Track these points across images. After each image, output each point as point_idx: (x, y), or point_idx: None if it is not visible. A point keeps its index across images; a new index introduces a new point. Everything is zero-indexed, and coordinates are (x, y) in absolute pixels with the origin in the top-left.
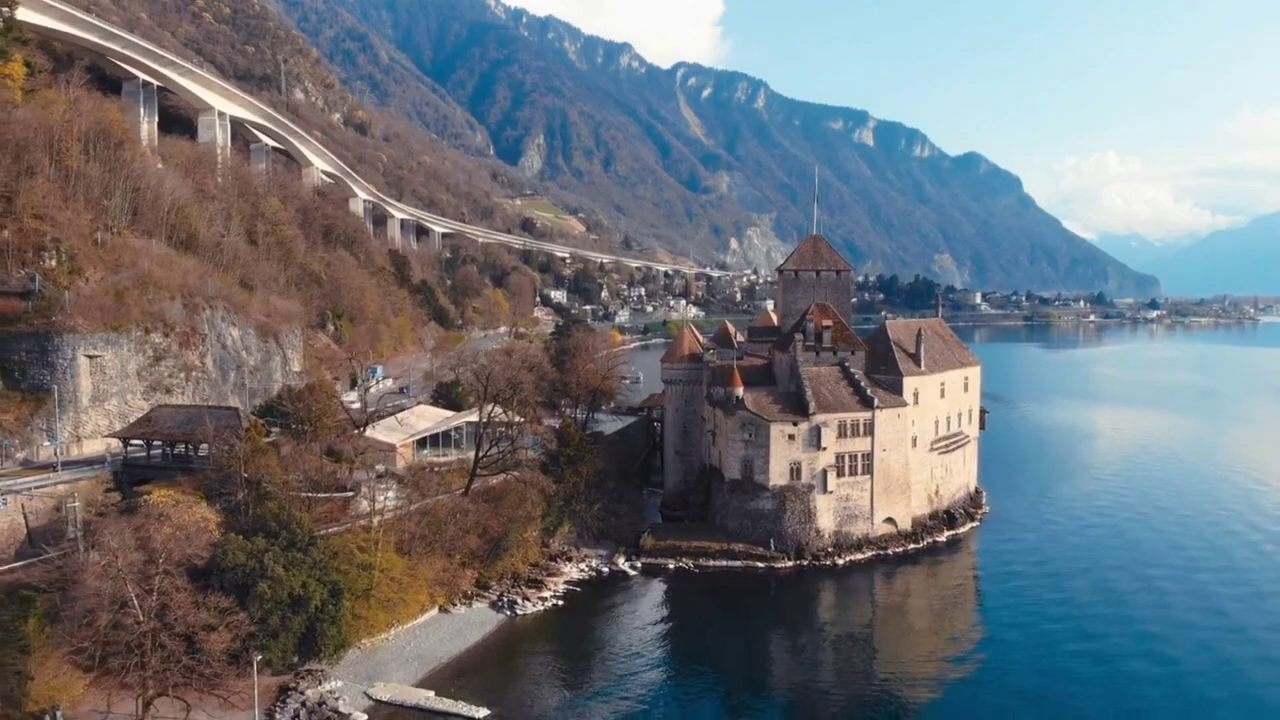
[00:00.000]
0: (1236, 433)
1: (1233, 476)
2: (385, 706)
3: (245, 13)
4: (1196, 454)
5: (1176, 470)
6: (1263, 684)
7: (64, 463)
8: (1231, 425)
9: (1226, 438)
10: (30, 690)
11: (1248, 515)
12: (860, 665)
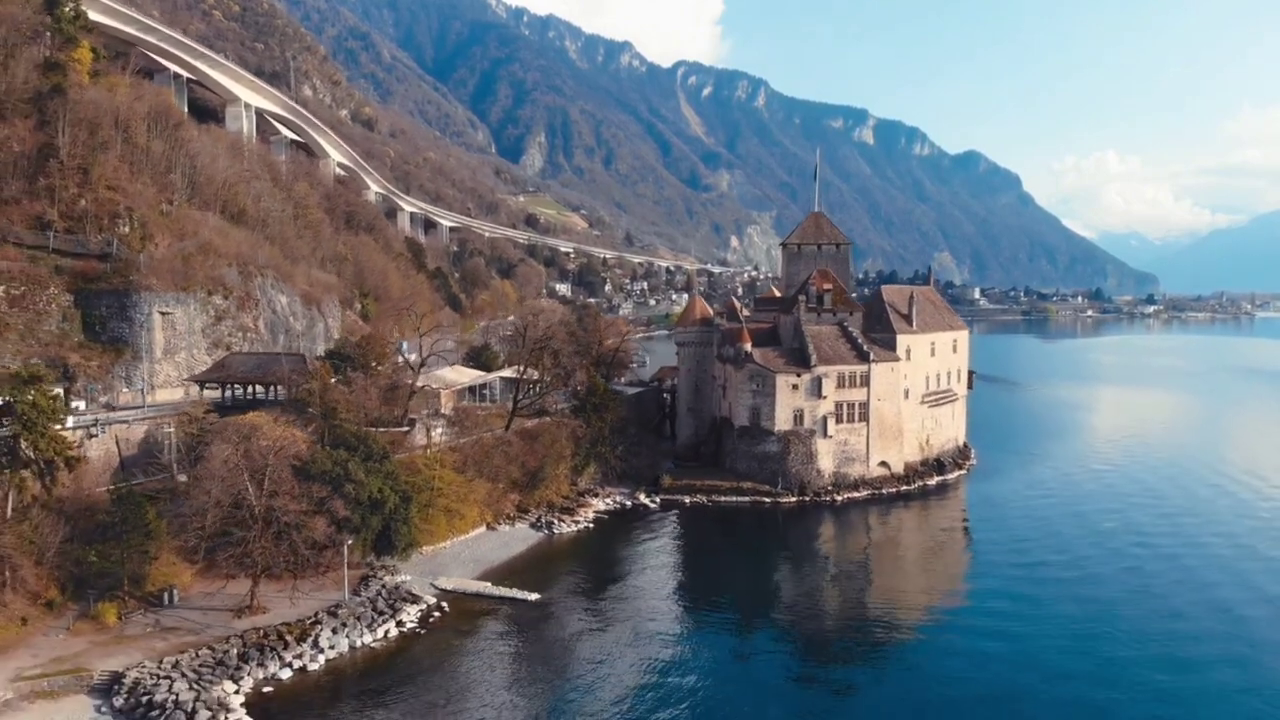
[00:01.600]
0: (1208, 404)
1: (1202, 437)
2: (450, 594)
3: (254, 10)
4: (1172, 421)
5: (1155, 434)
6: (1229, 598)
7: (146, 406)
8: (1204, 398)
9: (1199, 408)
10: (151, 573)
11: (1213, 465)
12: (856, 591)
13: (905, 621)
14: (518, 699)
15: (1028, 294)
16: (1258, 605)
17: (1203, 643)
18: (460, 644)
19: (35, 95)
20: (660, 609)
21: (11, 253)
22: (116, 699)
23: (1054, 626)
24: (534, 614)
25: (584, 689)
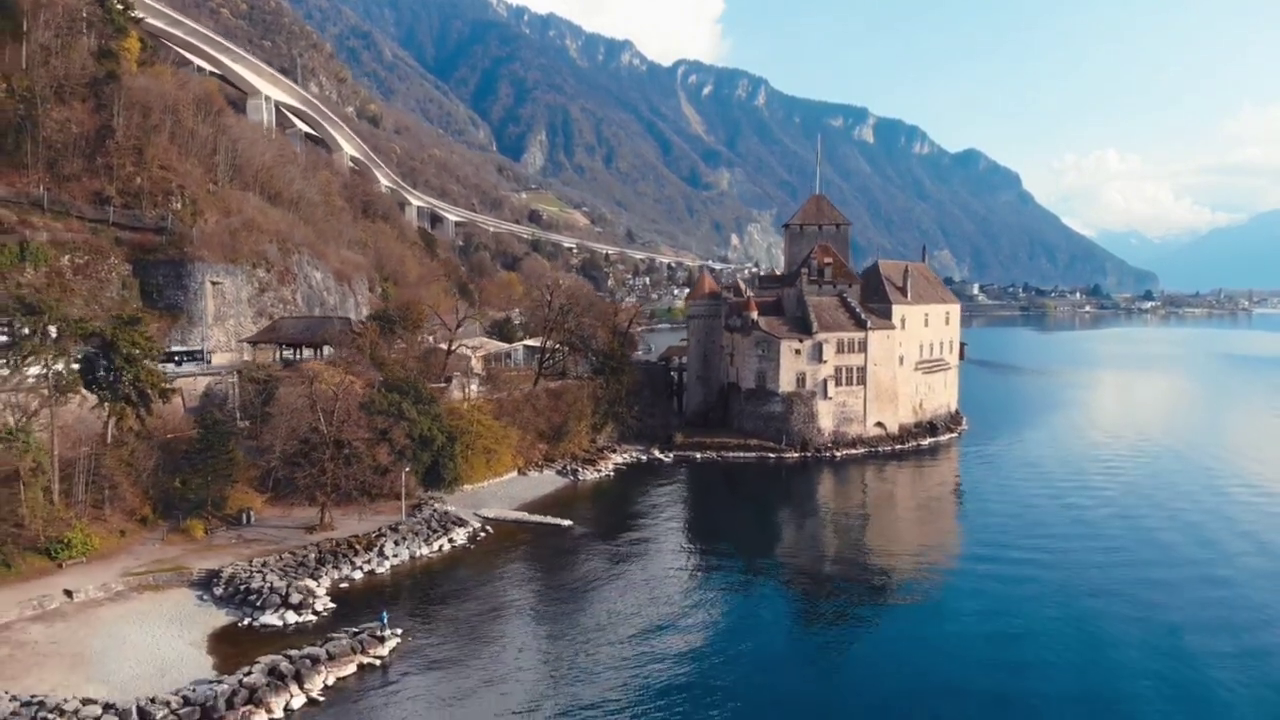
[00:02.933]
0: (1189, 382)
1: (1181, 409)
2: (492, 520)
3: (261, 8)
4: (1155, 397)
5: (1139, 408)
6: (1195, 555)
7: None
8: (1186, 378)
9: (1180, 385)
10: (230, 497)
11: (1190, 432)
12: (854, 541)
13: (899, 568)
14: (549, 603)
15: (1026, 290)
16: (1230, 542)
17: (1169, 587)
18: (504, 558)
19: (91, 80)
20: (673, 542)
21: (75, 225)
22: (216, 589)
23: (1036, 578)
24: (566, 538)
25: (606, 600)
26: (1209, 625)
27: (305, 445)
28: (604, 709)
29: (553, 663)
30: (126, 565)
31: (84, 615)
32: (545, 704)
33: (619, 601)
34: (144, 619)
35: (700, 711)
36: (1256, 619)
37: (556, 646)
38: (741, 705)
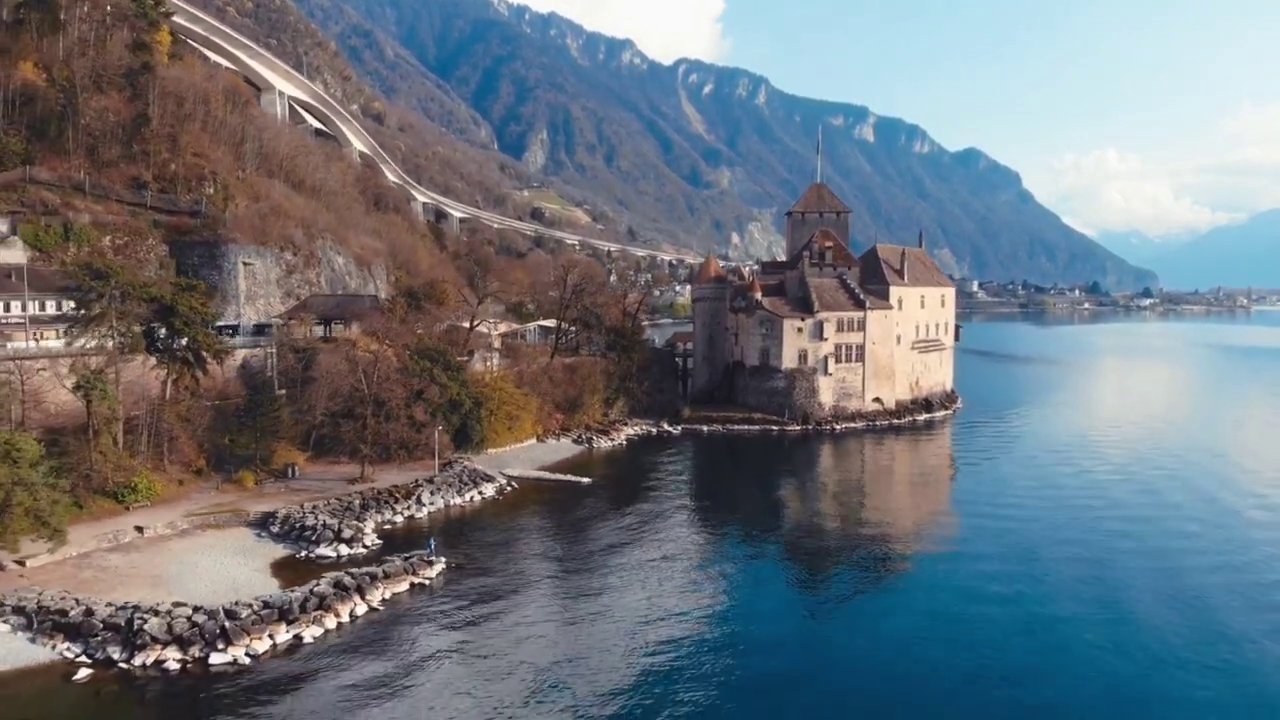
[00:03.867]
0: (1175, 368)
1: (1166, 390)
2: (516, 478)
3: (267, 7)
4: (1143, 381)
5: (1128, 390)
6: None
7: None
8: (1173, 365)
9: (1166, 370)
10: (276, 453)
11: (1173, 414)
12: (850, 504)
13: (895, 535)
14: (569, 544)
15: (1025, 287)
16: (1202, 509)
17: (1138, 544)
18: (528, 508)
19: (127, 71)
20: (680, 501)
21: (115, 208)
22: (272, 527)
23: (1023, 548)
24: (584, 493)
25: (618, 544)
26: (1168, 588)
27: (348, 403)
28: (611, 625)
29: (571, 592)
30: (188, 508)
31: (155, 547)
32: (565, 621)
33: (629, 546)
34: (211, 550)
35: (697, 630)
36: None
37: (574, 579)
38: (731, 634)
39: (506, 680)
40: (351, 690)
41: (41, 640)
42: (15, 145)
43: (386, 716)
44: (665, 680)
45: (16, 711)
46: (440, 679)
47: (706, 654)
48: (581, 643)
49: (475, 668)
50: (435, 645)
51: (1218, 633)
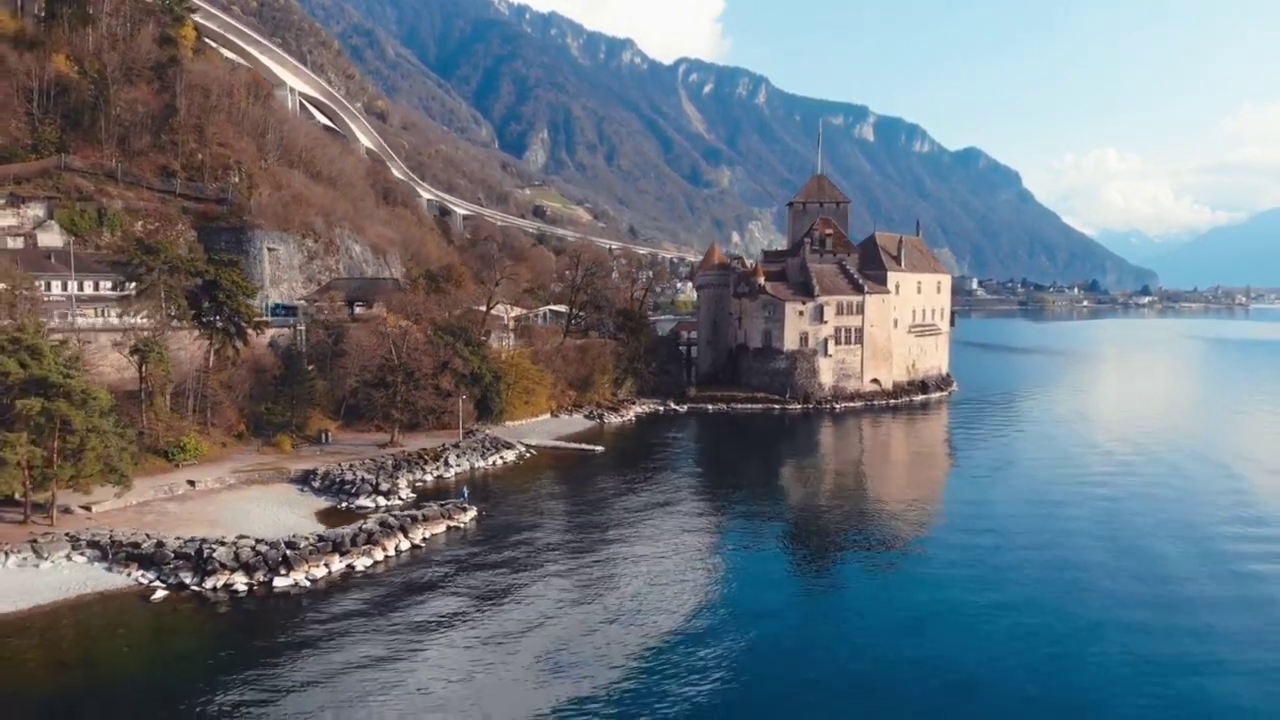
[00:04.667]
0: (1162, 356)
1: (1152, 375)
2: (534, 447)
3: (271, 6)
4: (1132, 367)
5: (1119, 377)
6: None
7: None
8: (1159, 352)
9: (1154, 357)
10: (310, 421)
11: (1157, 397)
12: (851, 485)
13: (892, 511)
14: (584, 502)
15: (1025, 285)
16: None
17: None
18: (547, 472)
19: (155, 64)
20: (686, 469)
21: (146, 195)
22: (313, 483)
23: (1016, 528)
24: (597, 461)
25: (628, 504)
26: (1163, 570)
27: (379, 374)
28: (619, 565)
29: (586, 538)
30: (233, 466)
31: (208, 498)
32: (580, 563)
33: (638, 502)
34: (259, 501)
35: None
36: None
37: (589, 529)
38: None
39: (530, 606)
40: (397, 611)
41: (118, 569)
42: (50, 134)
43: (427, 634)
44: (662, 604)
45: (103, 625)
46: (472, 605)
47: (703, 586)
48: (593, 579)
49: (504, 597)
50: (468, 578)
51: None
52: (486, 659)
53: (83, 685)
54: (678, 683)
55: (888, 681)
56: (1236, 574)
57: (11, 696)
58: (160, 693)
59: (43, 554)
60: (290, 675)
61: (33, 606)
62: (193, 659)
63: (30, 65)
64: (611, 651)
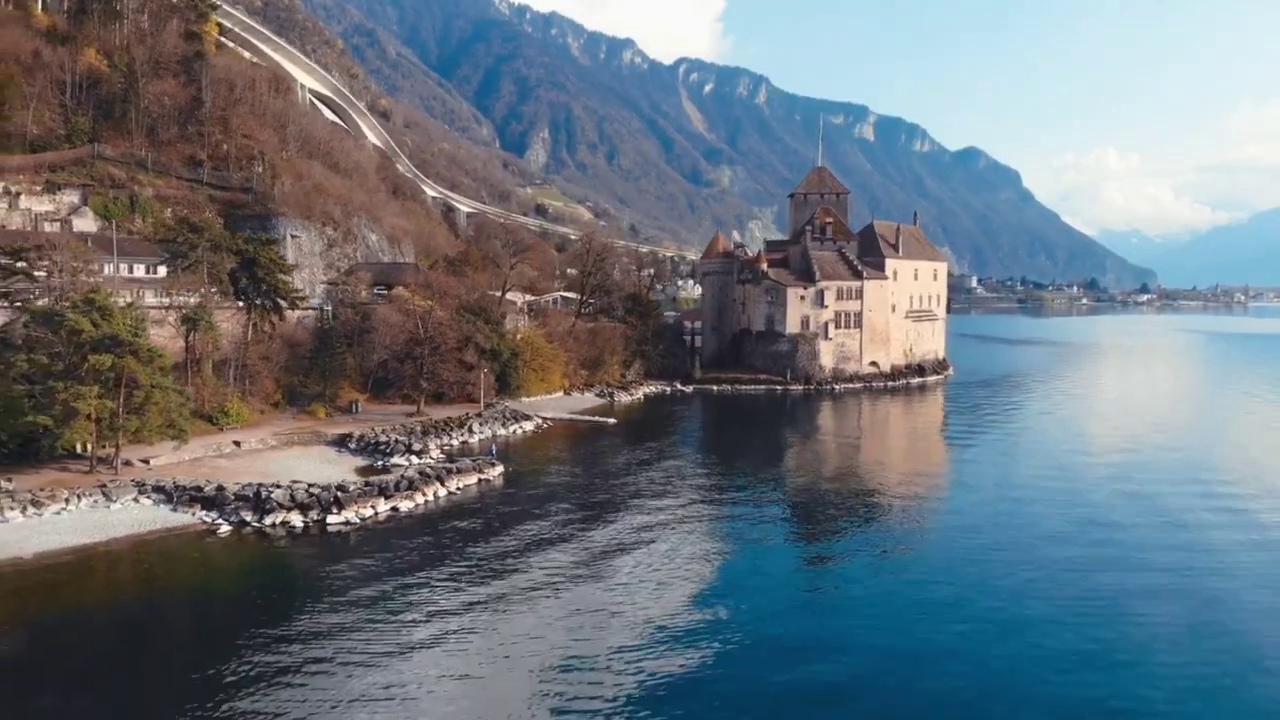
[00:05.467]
0: (1155, 346)
1: (1145, 362)
2: (551, 419)
3: (276, 5)
4: (1124, 356)
5: (1107, 368)
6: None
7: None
8: (1153, 342)
9: (1147, 348)
10: (341, 393)
11: (1145, 380)
12: (849, 463)
13: (890, 487)
14: (599, 463)
15: (1024, 284)
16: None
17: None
18: (563, 439)
19: (182, 59)
20: (692, 441)
21: (174, 183)
22: (349, 445)
23: (1004, 495)
24: (610, 432)
25: (638, 467)
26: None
27: (407, 346)
28: (630, 522)
29: (600, 496)
30: (273, 430)
31: (254, 456)
32: (595, 517)
33: (647, 465)
34: (302, 459)
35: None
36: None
37: (603, 488)
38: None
39: (552, 549)
40: (437, 547)
41: (183, 509)
42: (84, 124)
43: (464, 564)
44: (667, 564)
45: (173, 554)
46: (500, 542)
47: (706, 550)
48: (606, 535)
49: (529, 537)
50: (497, 522)
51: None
52: (511, 595)
53: (157, 603)
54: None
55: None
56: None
57: (93, 616)
58: (227, 611)
59: (112, 497)
60: (339, 599)
61: (109, 539)
62: (255, 583)
63: (63, 59)
64: (622, 607)
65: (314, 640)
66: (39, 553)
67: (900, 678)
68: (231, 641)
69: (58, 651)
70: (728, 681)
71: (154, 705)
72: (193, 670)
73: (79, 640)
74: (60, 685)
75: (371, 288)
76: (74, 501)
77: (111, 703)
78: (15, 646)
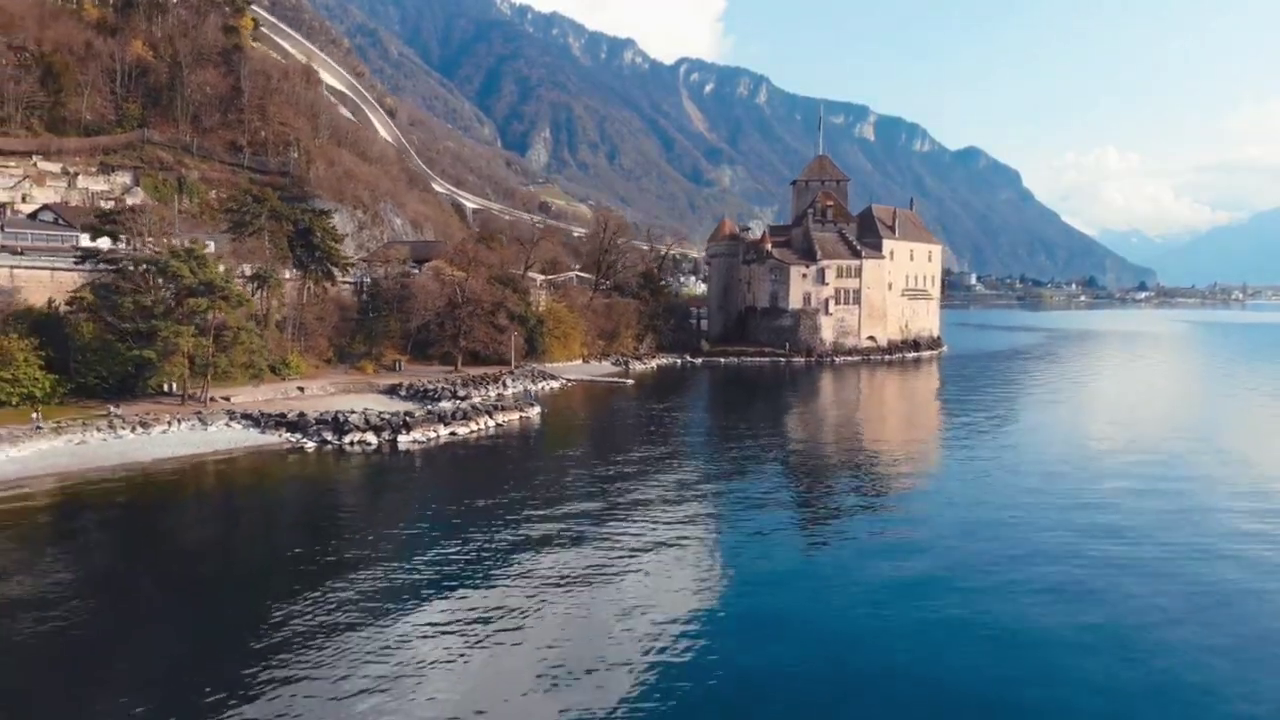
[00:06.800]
0: (1147, 331)
1: (1135, 347)
2: (573, 380)
3: (283, 4)
4: (1115, 341)
5: (1098, 355)
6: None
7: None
8: (1144, 328)
9: (1138, 331)
10: (383, 354)
11: (1130, 367)
12: (849, 428)
13: (886, 450)
14: (618, 412)
15: (1023, 281)
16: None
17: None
18: (587, 395)
19: (222, 50)
20: (702, 404)
21: (218, 167)
22: (399, 392)
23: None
24: (628, 392)
25: (652, 419)
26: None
27: (448, 308)
28: (645, 453)
29: (621, 434)
30: (329, 380)
31: (317, 399)
32: (614, 450)
33: (661, 415)
34: (360, 401)
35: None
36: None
37: (622, 430)
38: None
39: (580, 469)
40: (491, 462)
41: (269, 432)
42: (134, 111)
43: (510, 477)
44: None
45: (265, 464)
46: (538, 462)
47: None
48: (624, 455)
49: (563, 456)
50: (537, 447)
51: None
52: (542, 504)
53: (257, 494)
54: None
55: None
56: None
57: (198, 511)
58: (316, 509)
59: (207, 422)
60: (403, 502)
61: (211, 450)
62: (337, 487)
63: (113, 49)
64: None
65: (385, 529)
66: (155, 458)
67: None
68: (318, 526)
69: (178, 529)
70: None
71: (259, 566)
72: (291, 546)
73: (194, 519)
74: (179, 550)
75: (405, 262)
76: (175, 425)
77: (229, 560)
78: (148, 522)
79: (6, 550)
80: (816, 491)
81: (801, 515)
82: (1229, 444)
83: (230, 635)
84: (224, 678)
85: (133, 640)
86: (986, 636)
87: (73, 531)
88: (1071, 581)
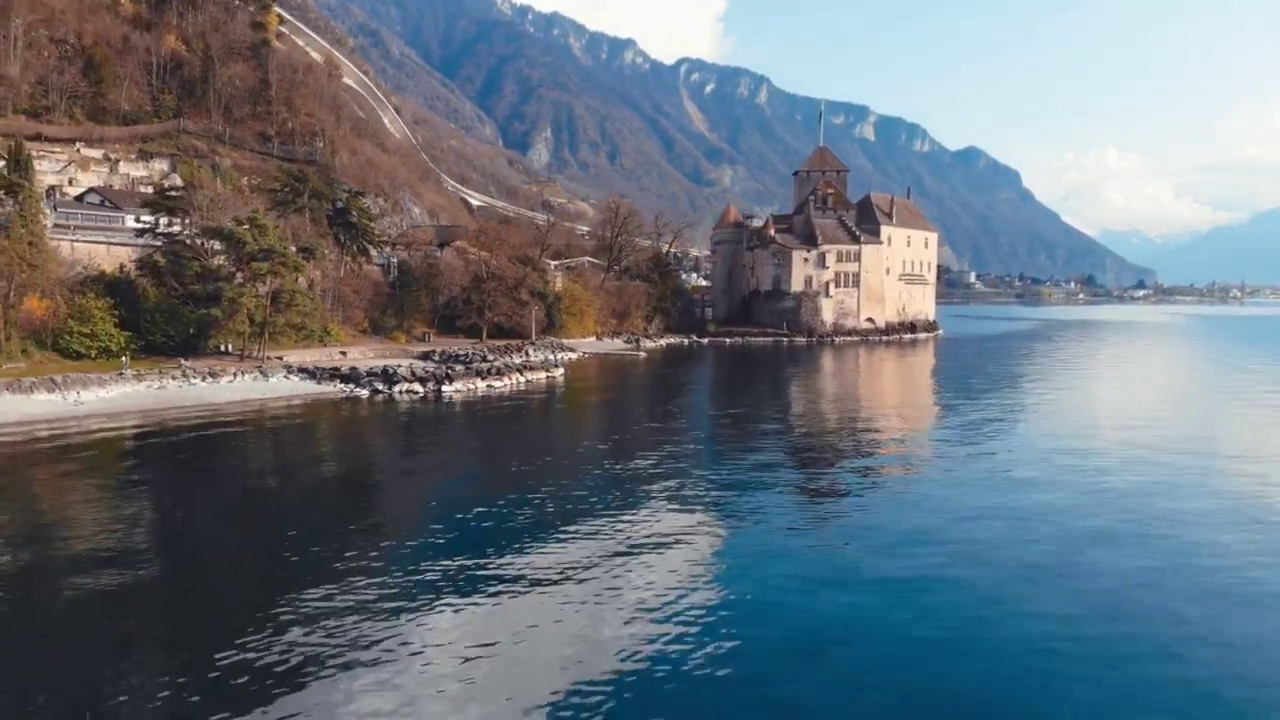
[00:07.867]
0: (1142, 320)
1: (1129, 334)
2: (587, 354)
3: (289, 3)
4: (1106, 329)
5: (1094, 331)
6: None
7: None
8: (1139, 317)
9: (1133, 319)
10: (413, 326)
11: (1123, 356)
12: (848, 404)
13: (885, 426)
14: (631, 377)
15: (1022, 279)
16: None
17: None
18: (602, 364)
19: (251, 45)
20: (711, 373)
21: (249, 156)
22: (433, 357)
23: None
24: (641, 361)
25: (663, 383)
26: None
27: (474, 282)
28: (656, 410)
29: (633, 395)
30: (368, 347)
31: (359, 361)
32: (629, 408)
33: (670, 382)
34: (399, 364)
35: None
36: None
37: (636, 390)
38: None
39: (597, 418)
40: (523, 412)
41: (325, 383)
42: (169, 101)
43: (539, 426)
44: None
45: (325, 408)
46: (561, 409)
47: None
48: (630, 419)
49: (586, 412)
50: (561, 404)
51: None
52: (559, 448)
53: (318, 431)
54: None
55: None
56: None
57: (272, 439)
58: (371, 449)
59: (268, 374)
60: (444, 444)
61: (275, 397)
62: (389, 431)
63: (149, 43)
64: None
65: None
66: (228, 400)
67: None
68: (376, 452)
69: (253, 455)
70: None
71: (319, 492)
72: (344, 469)
73: (268, 445)
74: (252, 470)
75: (430, 243)
76: (239, 376)
77: (294, 487)
78: (226, 446)
79: (104, 465)
80: (820, 452)
81: (803, 479)
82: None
83: (294, 549)
84: (281, 587)
85: (210, 555)
86: (1002, 630)
87: (157, 451)
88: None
